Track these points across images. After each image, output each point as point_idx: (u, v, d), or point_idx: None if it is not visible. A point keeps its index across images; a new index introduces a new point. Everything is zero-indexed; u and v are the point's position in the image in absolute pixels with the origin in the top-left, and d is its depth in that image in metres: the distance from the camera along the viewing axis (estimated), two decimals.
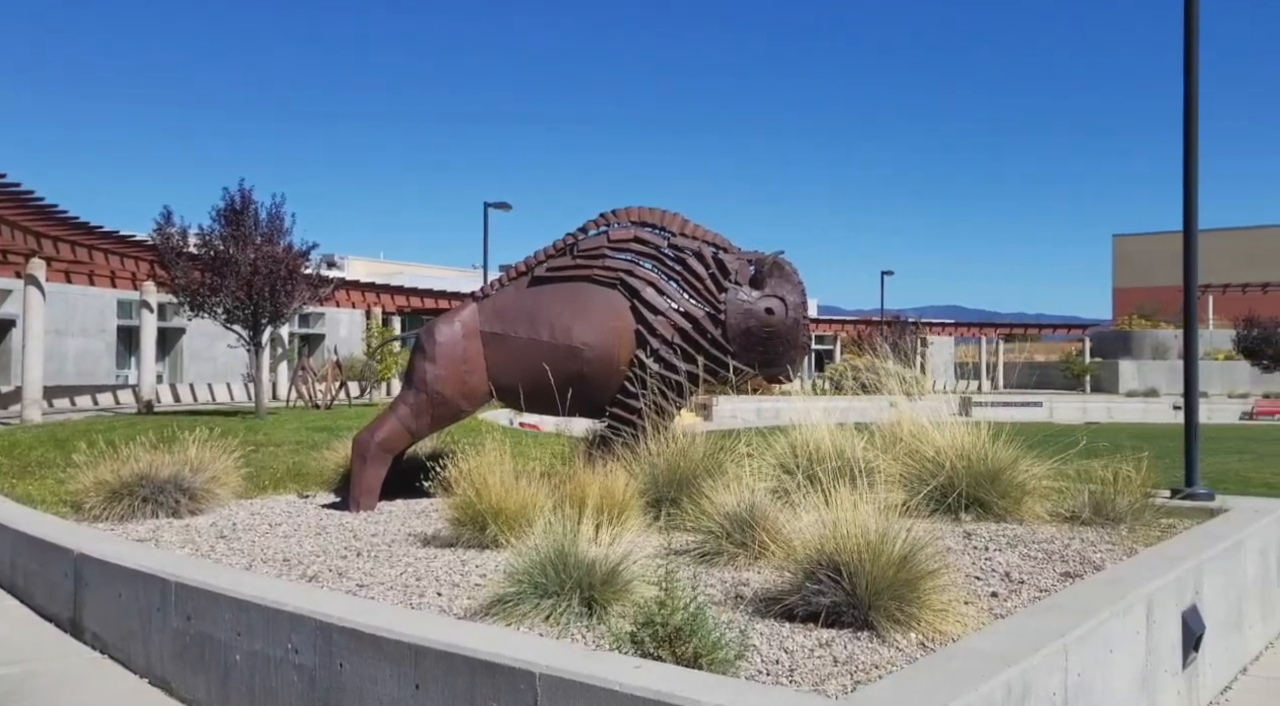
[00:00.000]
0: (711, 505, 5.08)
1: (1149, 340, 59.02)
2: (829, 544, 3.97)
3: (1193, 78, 7.84)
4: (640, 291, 6.86)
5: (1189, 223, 7.86)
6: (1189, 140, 7.84)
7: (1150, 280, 70.51)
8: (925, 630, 3.70)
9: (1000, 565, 4.90)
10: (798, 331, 6.97)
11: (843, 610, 3.79)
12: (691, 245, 7.00)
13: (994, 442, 6.25)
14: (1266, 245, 69.58)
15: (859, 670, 3.33)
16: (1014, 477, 6.18)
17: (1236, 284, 61.81)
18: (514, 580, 4.03)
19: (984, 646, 3.30)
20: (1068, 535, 5.68)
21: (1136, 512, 6.04)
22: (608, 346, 6.81)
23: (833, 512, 4.14)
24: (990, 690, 2.88)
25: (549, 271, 7.07)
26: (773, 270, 6.93)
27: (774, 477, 5.85)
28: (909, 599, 3.77)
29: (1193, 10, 7.83)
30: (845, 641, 3.64)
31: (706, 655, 3.24)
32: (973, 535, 5.62)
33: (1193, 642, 4.59)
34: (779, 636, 3.71)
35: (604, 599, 3.94)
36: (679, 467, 5.96)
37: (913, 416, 6.73)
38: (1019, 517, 6.05)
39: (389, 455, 7.03)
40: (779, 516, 4.88)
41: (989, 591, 4.40)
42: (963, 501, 6.03)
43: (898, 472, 5.99)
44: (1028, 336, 68.89)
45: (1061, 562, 4.97)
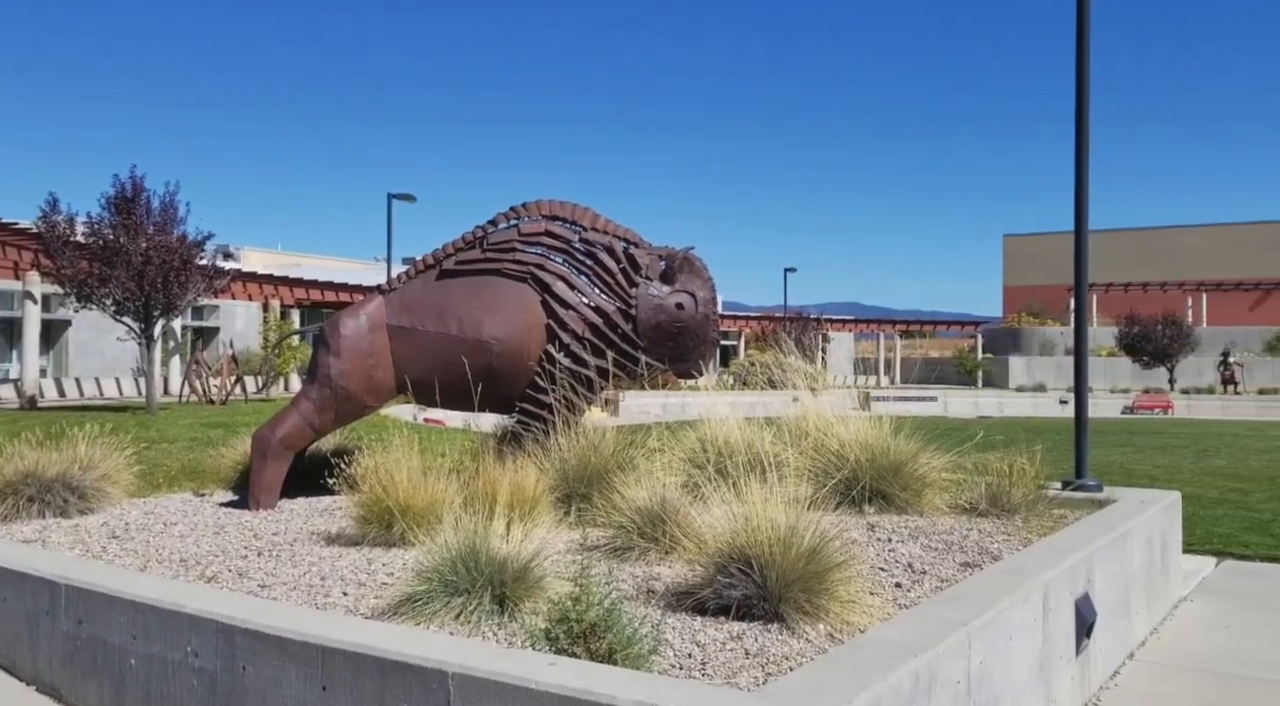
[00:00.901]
0: (623, 500, 5.09)
1: (1037, 337, 61.33)
2: (740, 537, 4.01)
3: (1084, 81, 8.15)
4: (551, 286, 6.82)
5: (1080, 225, 8.16)
6: (1080, 144, 8.14)
7: (1039, 279, 73.22)
8: (833, 621, 3.77)
9: (903, 556, 5.02)
10: (708, 327, 7.03)
11: (754, 603, 3.83)
12: (603, 240, 6.99)
13: (895, 436, 6.41)
14: (1147, 246, 72.94)
15: (770, 662, 3.37)
16: (915, 470, 6.35)
17: (1119, 283, 64.66)
18: (423, 578, 3.97)
19: (891, 637, 3.38)
20: (966, 526, 5.85)
21: (1031, 504, 6.27)
22: (518, 341, 6.75)
23: (744, 506, 4.18)
24: (898, 680, 2.95)
25: (458, 265, 6.98)
26: (683, 266, 6.97)
27: (684, 472, 5.89)
28: (818, 591, 3.84)
29: (1084, 21, 8.14)
30: (756, 634, 3.68)
31: (621, 651, 3.24)
32: (876, 527, 5.75)
33: (1085, 629, 4.78)
34: (691, 630, 3.73)
35: (517, 596, 3.91)
36: (590, 463, 5.95)
37: (817, 411, 6.86)
38: (920, 509, 6.21)
39: (290, 452, 6.85)
40: (690, 510, 4.91)
41: (893, 582, 4.50)
42: (867, 494, 6.17)
43: (805, 466, 6.08)
44: (924, 333, 70.94)
45: (961, 553, 5.12)
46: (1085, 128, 8.14)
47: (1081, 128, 8.14)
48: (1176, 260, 71.29)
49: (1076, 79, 8.18)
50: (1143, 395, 44.10)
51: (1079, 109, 8.16)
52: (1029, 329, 63.56)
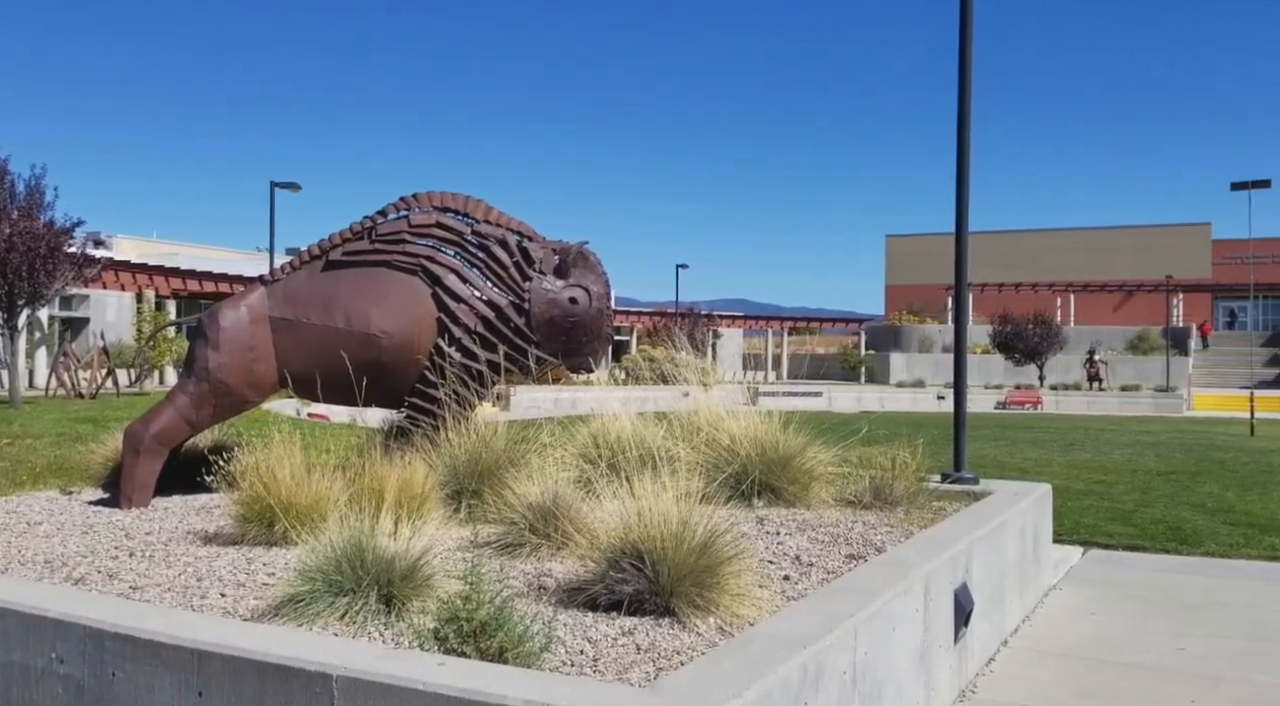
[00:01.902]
0: (514, 496, 5.04)
1: (916, 334, 63.36)
2: (633, 532, 4.01)
3: (966, 89, 8.43)
4: (442, 278, 6.70)
5: (960, 226, 8.44)
6: (961, 148, 8.42)
7: (919, 278, 75.64)
8: (724, 615, 3.80)
9: (791, 549, 5.11)
10: (601, 321, 7.01)
11: (645, 598, 3.84)
12: (496, 232, 6.90)
13: (783, 431, 6.51)
14: (1019, 248, 76.08)
15: (661, 657, 3.38)
16: (802, 464, 6.46)
17: (993, 284, 67.26)
18: (306, 578, 3.85)
19: (781, 629, 3.43)
20: (851, 519, 5.99)
21: (912, 496, 6.45)
22: (407, 334, 6.62)
23: (636, 501, 4.18)
24: (788, 672, 2.99)
25: (345, 256, 6.79)
26: (577, 260, 6.94)
27: (576, 467, 5.87)
28: (709, 584, 3.87)
29: (967, 34, 8.41)
30: (648, 629, 3.69)
31: (512, 649, 3.20)
32: (765, 520, 5.84)
33: (963, 618, 4.95)
34: (584, 626, 3.72)
35: (404, 595, 3.83)
36: (481, 458, 5.88)
37: (709, 406, 6.92)
38: (807, 503, 6.33)
39: (165, 448, 6.57)
40: (582, 506, 4.90)
41: (781, 574, 4.57)
42: (756, 488, 6.26)
43: (696, 461, 6.13)
44: (810, 330, 72.56)
45: (847, 545, 5.24)
46: (966, 134, 8.42)
47: (963, 133, 8.41)
48: (1047, 262, 74.58)
49: (959, 85, 8.44)
50: (1014, 391, 46.01)
51: (960, 116, 8.43)
52: (909, 327, 65.64)
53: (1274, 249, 71.21)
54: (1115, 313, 69.19)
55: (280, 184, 30.59)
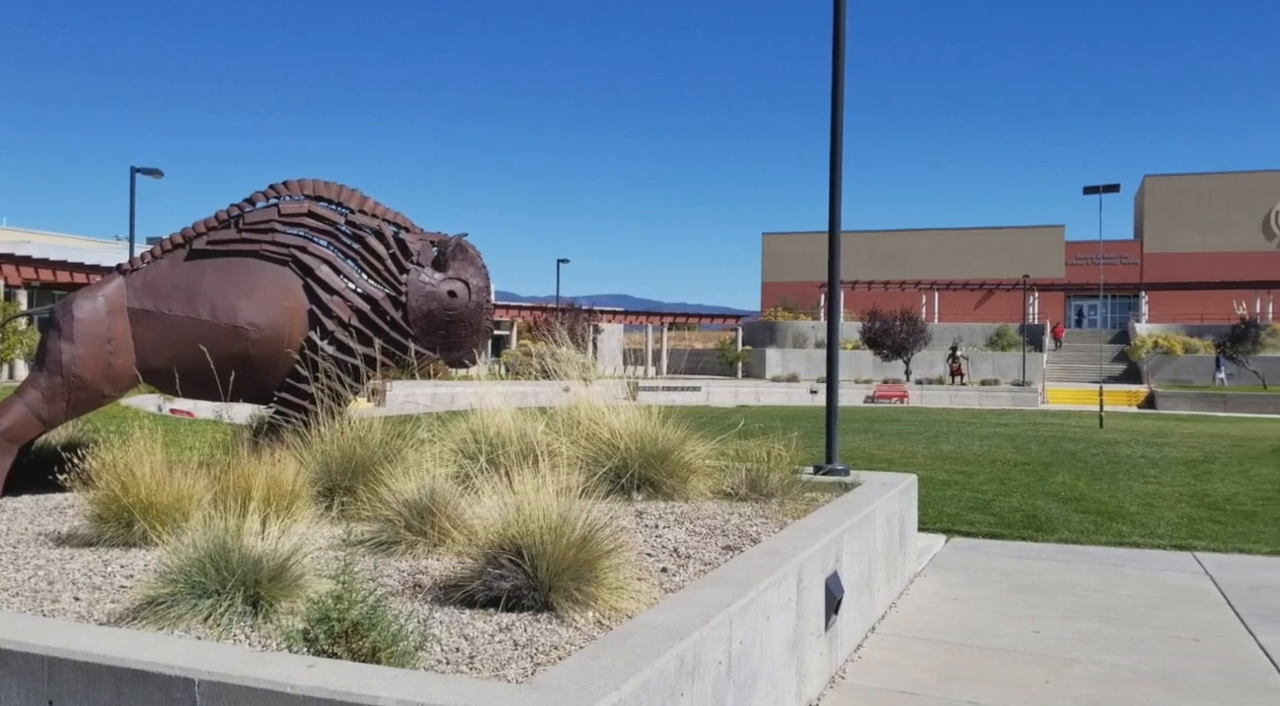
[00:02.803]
0: (389, 493, 4.93)
1: (791, 330, 64.86)
2: (512, 527, 3.98)
3: (839, 92, 8.65)
4: (314, 269, 6.51)
5: (833, 226, 8.67)
6: (835, 152, 8.64)
7: (794, 275, 77.45)
8: (602, 608, 3.81)
9: (669, 541, 5.16)
10: (481, 315, 6.93)
11: (524, 593, 3.82)
12: (371, 223, 6.74)
13: (662, 425, 6.57)
14: (888, 247, 78.65)
15: (539, 652, 3.36)
16: (681, 458, 6.53)
17: (863, 281, 69.39)
18: (167, 580, 3.69)
19: (658, 621, 3.46)
20: (728, 511, 6.09)
21: (786, 488, 6.60)
22: (277, 327, 6.40)
23: (515, 496, 4.15)
24: (665, 663, 3.02)
25: (210, 245, 6.53)
26: (456, 252, 6.84)
27: (455, 463, 5.78)
28: (588, 578, 3.87)
29: (840, 41, 8.64)
30: (526, 624, 3.67)
31: (386, 648, 3.14)
32: (644, 513, 5.88)
33: (834, 606, 5.09)
34: (460, 623, 3.67)
35: (272, 596, 3.70)
36: (355, 455, 5.73)
37: (589, 400, 6.93)
38: (685, 495, 6.40)
39: (15, 445, 6.19)
40: (460, 502, 4.83)
41: (659, 567, 4.61)
42: (635, 481, 6.29)
43: (576, 455, 6.12)
44: (689, 325, 73.45)
45: (723, 537, 5.32)
46: (839, 137, 8.64)
47: (836, 137, 8.64)
48: (914, 261, 77.36)
49: (833, 92, 8.66)
50: (882, 385, 47.55)
51: (834, 121, 8.65)
52: (784, 323, 67.14)
53: (1122, 251, 75.60)
54: (976, 310, 72.33)
55: (141, 170, 29.19)
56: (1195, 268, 70.78)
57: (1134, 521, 10.60)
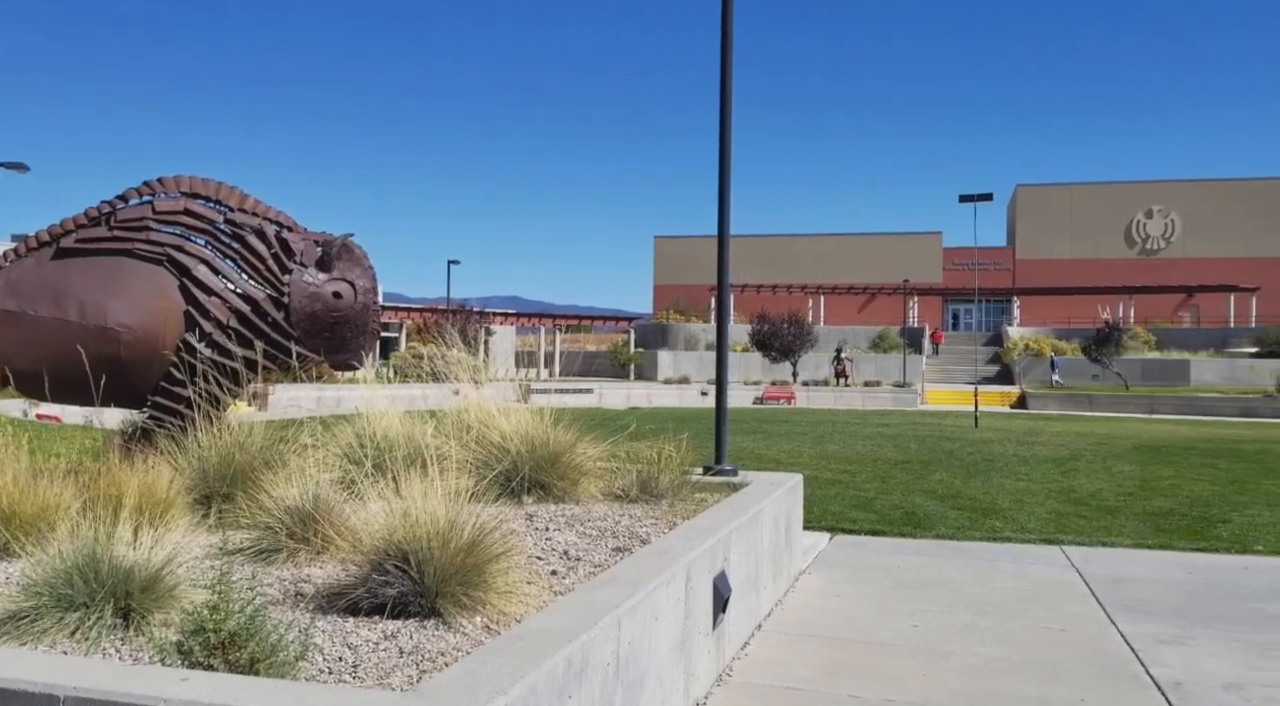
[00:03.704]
0: (270, 499, 4.80)
1: (683, 333, 65.51)
2: (398, 533, 3.92)
3: (727, 99, 8.79)
4: (191, 269, 6.28)
5: (722, 231, 8.80)
6: (724, 155, 8.78)
7: (686, 278, 78.30)
8: (491, 613, 3.78)
9: (559, 544, 5.16)
10: (367, 317, 6.79)
11: (410, 600, 3.76)
12: (252, 222, 6.54)
13: (554, 428, 6.57)
14: (775, 251, 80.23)
15: (425, 659, 3.32)
16: (572, 460, 6.53)
17: (753, 284, 70.53)
18: (31, 593, 3.51)
19: (547, 625, 3.46)
20: (619, 512, 6.12)
21: (676, 489, 6.67)
22: (150, 329, 6.16)
23: (402, 501, 4.09)
24: (553, 666, 3.02)
25: (79, 243, 6.23)
26: (341, 252, 6.69)
27: (340, 468, 5.67)
28: (476, 583, 3.84)
29: (728, 50, 8.77)
30: (412, 631, 3.62)
31: (265, 659, 3.05)
32: (535, 517, 5.86)
33: (721, 605, 5.17)
34: (343, 632, 3.60)
35: (144, 607, 3.56)
36: (234, 460, 5.56)
37: (480, 403, 6.87)
38: (576, 498, 6.40)
39: None
40: (345, 508, 4.74)
41: (550, 570, 4.61)
42: (526, 484, 6.27)
43: (466, 459, 6.07)
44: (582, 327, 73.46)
45: (614, 538, 5.34)
46: (728, 143, 8.78)
47: (724, 142, 8.77)
48: (801, 265, 79.10)
49: (721, 92, 8.79)
50: (770, 387, 48.45)
51: (722, 128, 8.78)
52: (676, 325, 67.79)
53: (995, 257, 78.81)
54: (860, 313, 74.35)
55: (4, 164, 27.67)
56: (1064, 273, 74.24)
57: (1006, 517, 11.05)
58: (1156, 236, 78.09)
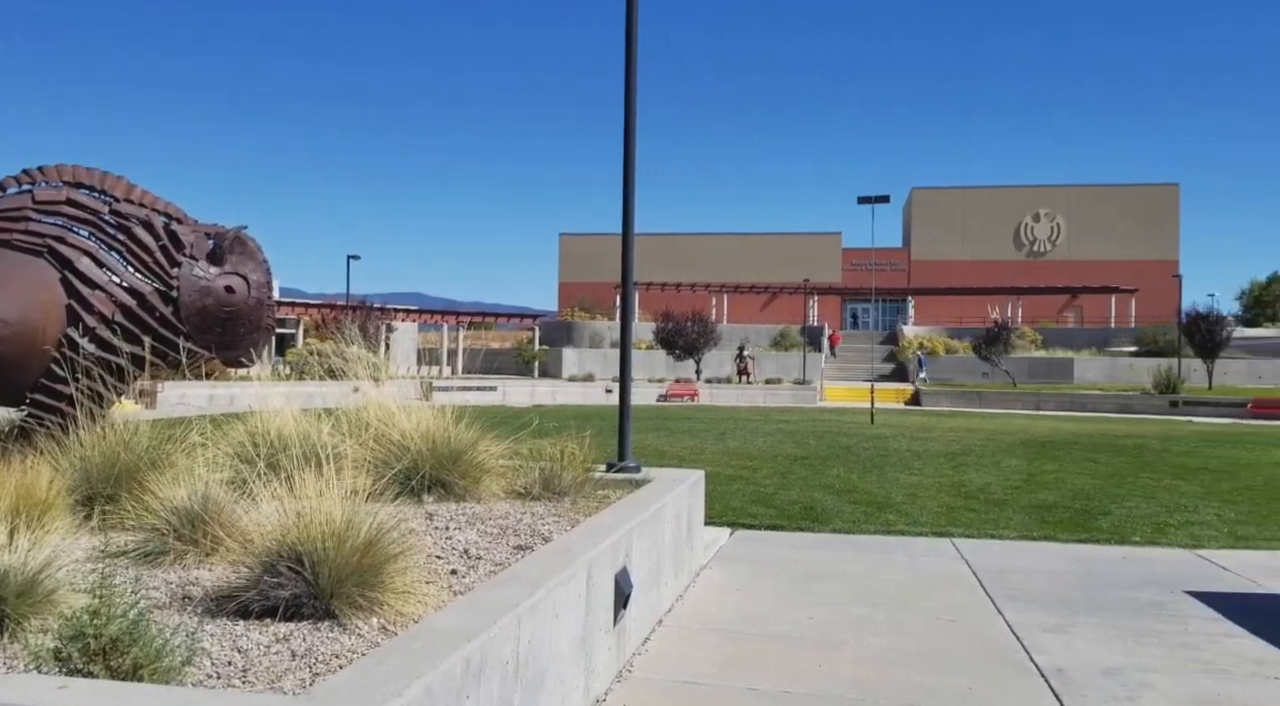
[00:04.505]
0: (157, 500, 4.64)
1: (588, 330, 65.51)
2: (291, 534, 3.83)
3: (632, 99, 8.82)
4: (74, 262, 6.02)
5: (627, 229, 8.84)
6: (628, 156, 8.81)
7: (591, 276, 78.31)
8: (388, 614, 3.73)
9: (460, 543, 5.11)
10: (261, 312, 6.62)
11: (304, 602, 3.68)
12: (139, 213, 6.31)
13: (456, 426, 6.50)
14: (679, 250, 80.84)
15: (319, 662, 3.26)
16: (474, 458, 6.48)
17: (658, 283, 70.96)
18: None
19: (445, 624, 3.42)
20: (521, 510, 6.09)
21: (579, 486, 6.67)
22: (29, 323, 5.88)
23: (296, 501, 4.01)
24: (450, 666, 3.00)
25: None
26: (234, 246, 6.50)
27: (231, 468, 5.51)
28: (372, 584, 3.78)
29: (632, 48, 8.81)
30: (305, 634, 3.54)
31: (149, 665, 2.95)
32: (435, 515, 5.79)
33: (623, 601, 5.19)
34: (233, 635, 3.50)
35: (20, 613, 3.41)
36: (118, 460, 5.35)
37: (379, 401, 6.76)
38: (478, 496, 6.35)
39: None
40: (236, 508, 4.61)
41: (449, 569, 4.56)
42: (426, 483, 6.19)
43: (364, 457, 5.97)
44: (486, 324, 72.81)
45: (515, 536, 5.32)
46: (632, 142, 8.81)
47: (629, 142, 8.80)
48: (704, 264, 79.90)
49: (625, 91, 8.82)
50: (674, 384, 48.80)
51: (627, 123, 8.81)
52: (581, 323, 67.75)
53: (892, 257, 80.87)
54: (762, 312, 75.47)
55: None
56: (956, 274, 76.61)
57: (900, 511, 11.36)
58: (1043, 239, 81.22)
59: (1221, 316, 50.49)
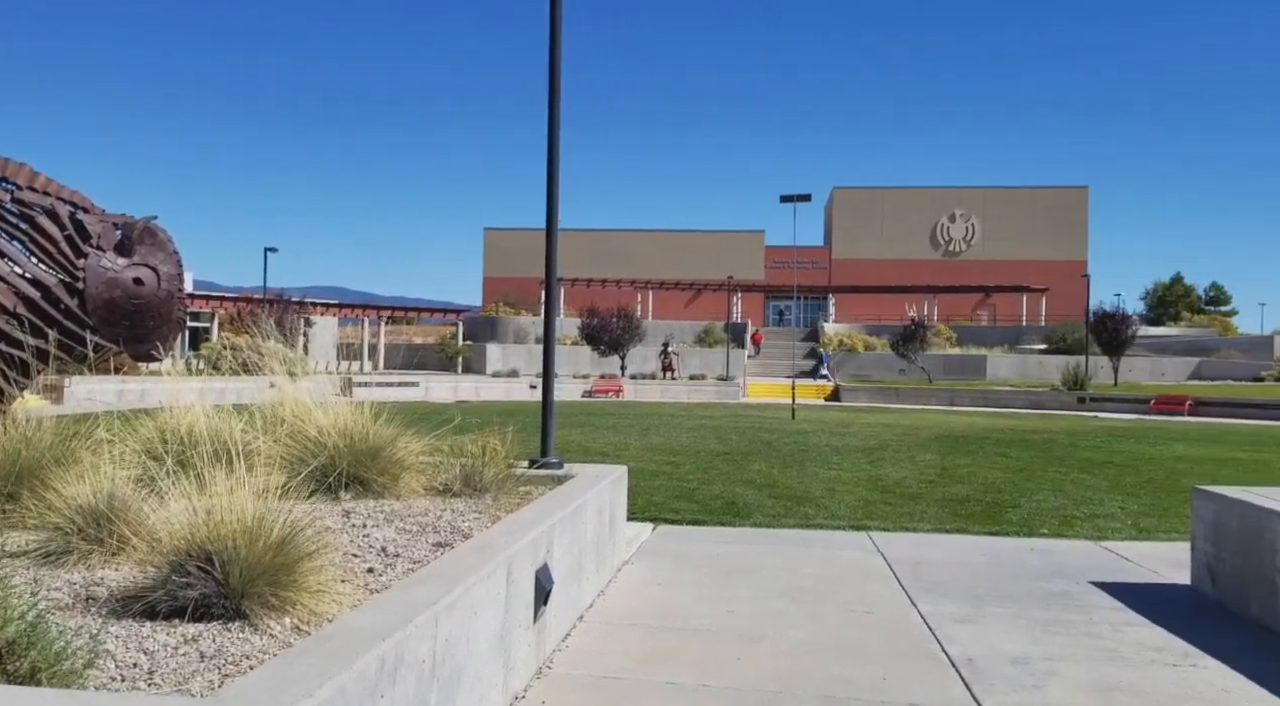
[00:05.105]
0: (60, 498, 4.48)
1: (512, 326, 65.18)
2: (201, 532, 3.74)
3: (555, 97, 8.80)
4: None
5: (551, 224, 8.81)
6: (552, 151, 8.78)
7: (516, 271, 77.87)
8: (301, 613, 3.66)
9: (378, 540, 5.04)
10: (171, 305, 6.44)
11: (213, 602, 3.60)
12: (43, 202, 6.09)
13: (375, 422, 6.41)
14: (605, 246, 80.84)
15: (228, 663, 3.19)
16: (393, 455, 6.40)
17: (583, 279, 70.87)
18: None
19: (360, 623, 3.38)
20: (440, 507, 6.03)
21: (501, 482, 6.63)
22: None
23: (207, 499, 3.91)
24: (364, 665, 2.95)
25: None
26: (144, 236, 6.31)
27: (139, 465, 5.35)
28: (285, 583, 3.70)
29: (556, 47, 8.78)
30: (215, 634, 3.46)
31: (47, 668, 2.86)
32: (352, 513, 5.70)
33: (543, 598, 5.18)
34: (139, 637, 3.40)
35: None
36: (19, 457, 5.16)
37: (295, 397, 6.63)
38: (397, 493, 6.27)
39: None
40: (144, 507, 4.48)
41: (366, 567, 4.49)
42: (343, 480, 6.10)
43: (279, 454, 5.85)
44: (408, 319, 71.89)
45: (435, 533, 5.27)
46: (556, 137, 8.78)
47: (553, 137, 8.77)
48: (630, 260, 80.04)
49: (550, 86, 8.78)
50: (599, 380, 48.84)
51: (551, 119, 8.78)
52: (505, 318, 67.35)
53: (814, 256, 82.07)
54: (686, 309, 75.91)
55: None
56: (876, 273, 78.07)
57: (819, 505, 11.55)
58: (959, 239, 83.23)
59: (1127, 315, 52.36)
